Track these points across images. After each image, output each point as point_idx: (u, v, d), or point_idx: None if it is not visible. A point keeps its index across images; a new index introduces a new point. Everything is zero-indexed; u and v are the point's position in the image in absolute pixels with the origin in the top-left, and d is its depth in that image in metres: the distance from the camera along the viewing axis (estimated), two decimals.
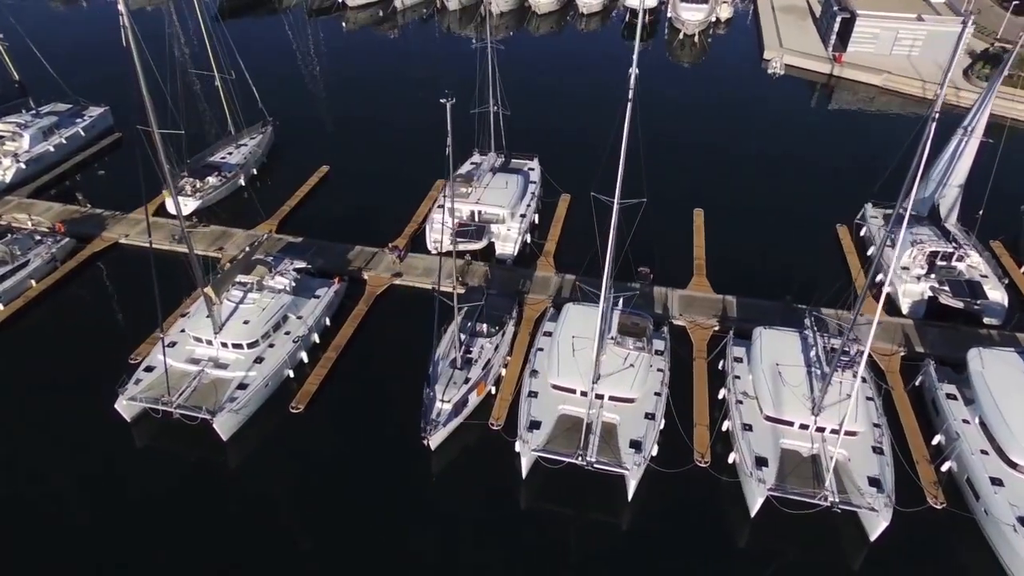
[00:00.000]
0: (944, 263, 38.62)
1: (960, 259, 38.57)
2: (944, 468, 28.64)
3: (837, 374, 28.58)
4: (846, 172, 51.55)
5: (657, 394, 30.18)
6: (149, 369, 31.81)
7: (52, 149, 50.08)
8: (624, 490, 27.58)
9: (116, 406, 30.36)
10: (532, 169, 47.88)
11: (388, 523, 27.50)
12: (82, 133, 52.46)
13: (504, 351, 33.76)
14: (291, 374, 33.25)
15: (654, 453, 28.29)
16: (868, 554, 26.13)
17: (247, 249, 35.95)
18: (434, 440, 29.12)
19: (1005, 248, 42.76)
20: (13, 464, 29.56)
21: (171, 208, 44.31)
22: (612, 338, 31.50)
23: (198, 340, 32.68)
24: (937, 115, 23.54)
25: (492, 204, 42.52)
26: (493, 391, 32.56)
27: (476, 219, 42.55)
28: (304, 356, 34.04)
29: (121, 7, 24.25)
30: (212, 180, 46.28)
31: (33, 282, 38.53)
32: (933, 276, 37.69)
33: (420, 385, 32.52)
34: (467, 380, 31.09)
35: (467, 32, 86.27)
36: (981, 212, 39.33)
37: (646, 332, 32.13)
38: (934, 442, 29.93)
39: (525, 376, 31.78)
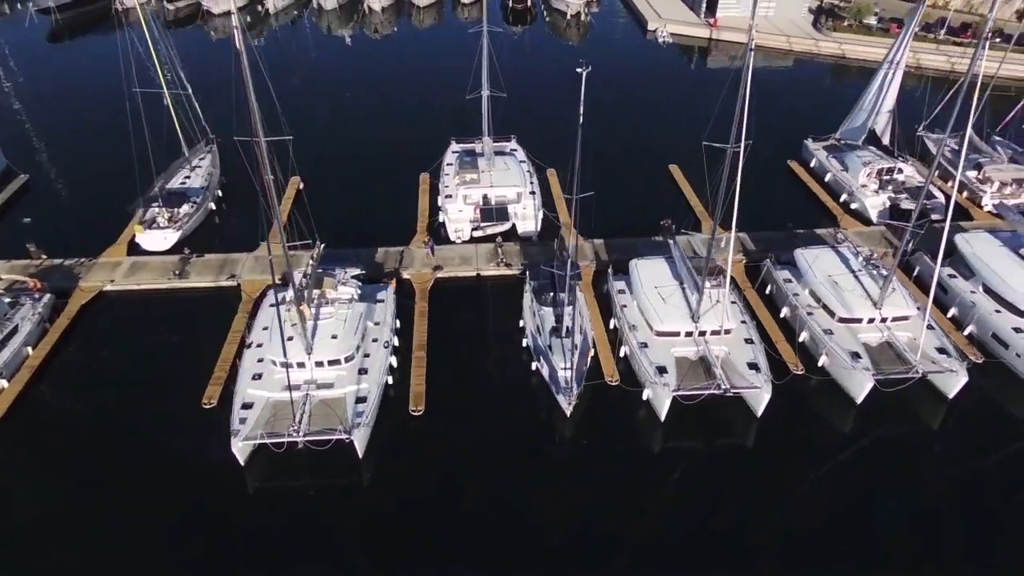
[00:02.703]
0: (888, 176, 46.28)
1: (900, 172, 46.43)
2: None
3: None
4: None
5: (744, 322, 33.48)
6: (247, 406, 29.10)
7: None
8: (754, 410, 30.58)
9: (233, 449, 27.60)
10: (515, 150, 48.98)
11: (554, 494, 28.00)
12: None
13: (587, 313, 35.20)
14: (390, 380, 32.08)
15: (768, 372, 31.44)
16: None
17: (311, 262, 33.65)
18: (571, 406, 30.03)
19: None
20: (142, 552, 25.91)
21: (146, 244, 40.07)
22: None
23: (287, 365, 30.35)
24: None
25: (505, 185, 43.25)
26: (592, 351, 33.97)
27: (492, 203, 43.05)
28: (393, 360, 32.93)
29: (235, 19, 22.17)
30: (186, 208, 41.93)
31: (29, 349, 32.97)
32: (889, 189, 45.05)
33: (519, 363, 33.27)
34: (575, 345, 32.22)
35: (345, 30, 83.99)
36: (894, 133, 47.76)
37: (721, 271, 35.24)
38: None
39: (625, 332, 33.55)
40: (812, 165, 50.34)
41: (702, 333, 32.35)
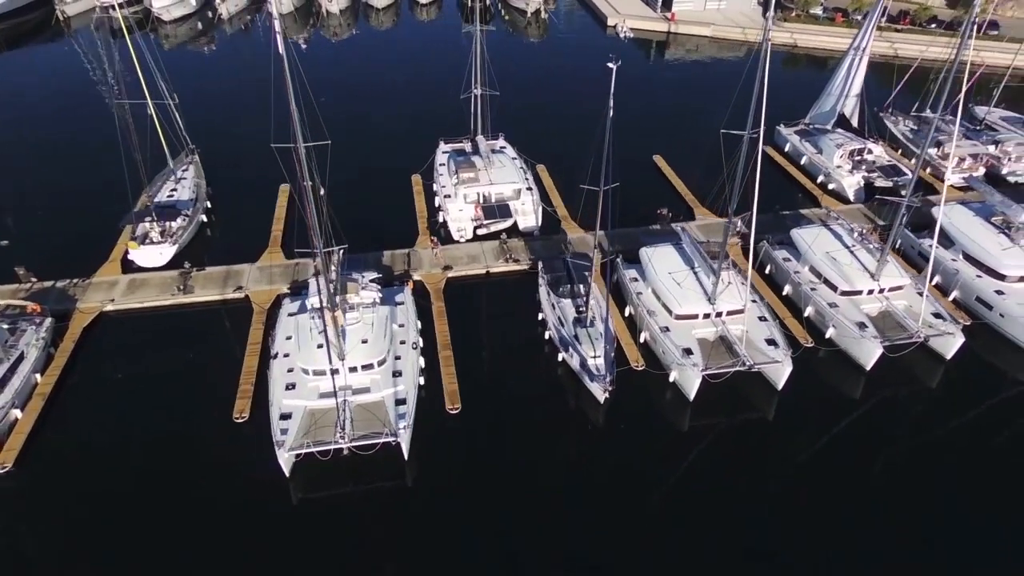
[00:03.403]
0: (859, 157, 49.03)
1: (869, 152, 49.26)
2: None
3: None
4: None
5: (754, 301, 35.04)
6: (286, 417, 28.69)
7: None
8: (775, 383, 32.09)
9: (279, 461, 27.19)
10: (504, 147, 49.43)
11: (601, 479, 28.84)
12: None
13: (604, 302, 36.09)
14: (422, 380, 32.13)
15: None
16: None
17: (335, 267, 33.22)
18: (607, 393, 30.80)
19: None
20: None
21: (141, 260, 38.81)
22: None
23: (321, 372, 30.08)
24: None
25: (505, 182, 43.72)
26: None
27: (492, 200, 43.42)
28: (422, 360, 32.98)
29: (276, 25, 21.83)
30: (180, 221, 40.64)
31: (38, 376, 31.50)
32: (863, 169, 47.72)
33: (544, 355, 33.94)
34: (601, 333, 33.11)
35: (301, 35, 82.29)
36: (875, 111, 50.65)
37: (724, 254, 36.68)
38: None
39: (644, 317, 34.57)
40: (787, 149, 52.74)
41: (719, 314, 33.76)
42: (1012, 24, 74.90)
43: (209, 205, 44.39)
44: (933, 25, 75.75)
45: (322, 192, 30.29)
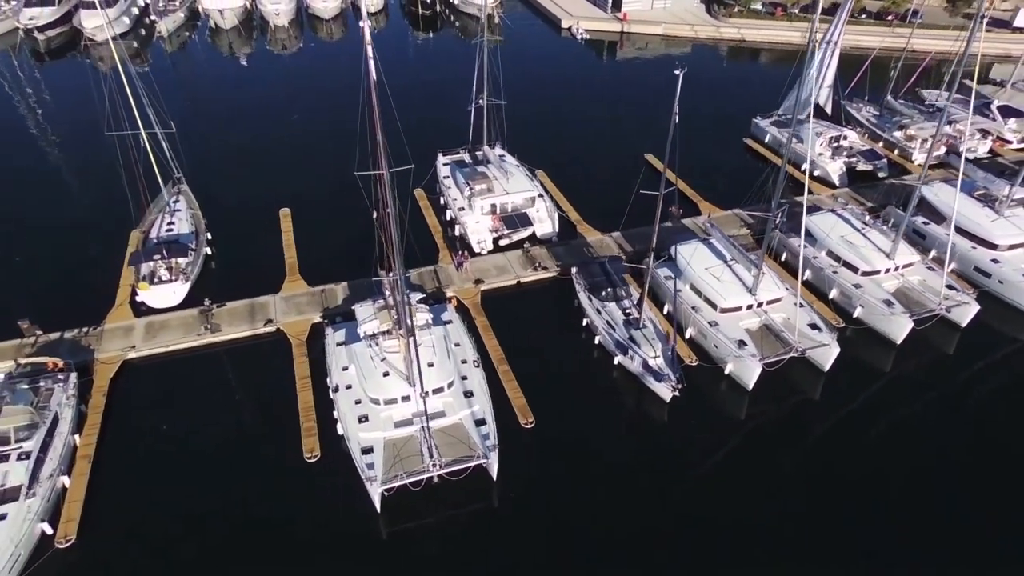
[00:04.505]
0: (836, 143, 52.03)
1: (844, 138, 52.36)
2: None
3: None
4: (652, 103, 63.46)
5: (788, 288, 36.61)
6: (368, 451, 27.66)
7: None
8: (821, 366, 33.68)
9: (375, 499, 26.23)
10: (502, 155, 49.28)
11: (686, 479, 29.48)
12: None
13: (645, 303, 36.73)
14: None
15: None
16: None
17: (387, 292, 32.11)
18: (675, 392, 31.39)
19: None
20: None
21: (153, 301, 36.49)
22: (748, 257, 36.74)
23: (392, 401, 29.20)
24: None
25: (519, 191, 43.63)
26: None
27: (509, 209, 43.27)
28: (484, 377, 32.56)
29: (369, 50, 21.02)
30: (189, 256, 38.25)
31: (77, 437, 28.98)
32: (843, 154, 50.67)
33: (598, 360, 34.28)
34: (657, 333, 33.76)
35: (245, 49, 79.06)
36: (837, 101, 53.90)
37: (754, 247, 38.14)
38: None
39: (690, 314, 35.43)
40: (767, 140, 55.26)
41: (759, 304, 35.10)
42: (934, 13, 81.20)
43: (210, 236, 41.99)
44: (864, 16, 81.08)
45: (378, 216, 29.48)
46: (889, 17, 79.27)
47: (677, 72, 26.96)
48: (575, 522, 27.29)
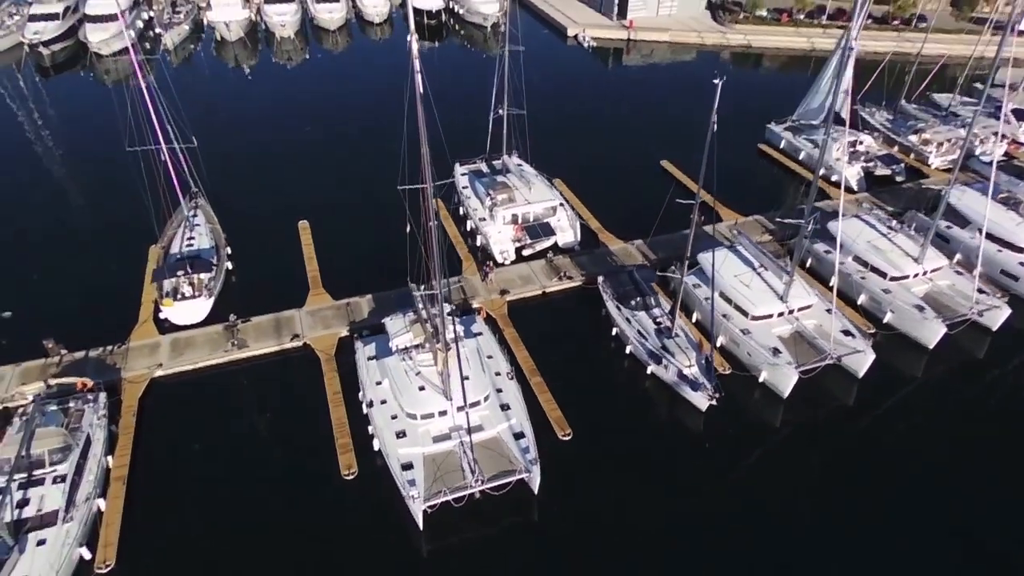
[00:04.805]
0: (853, 148, 52.03)
1: (861, 143, 52.38)
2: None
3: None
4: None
5: (818, 295, 36.37)
6: (408, 467, 27.23)
7: None
8: (855, 373, 33.40)
9: (418, 516, 25.80)
10: (520, 164, 49.08)
11: (728, 488, 29.17)
12: None
13: (675, 312, 36.48)
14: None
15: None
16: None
17: (420, 305, 31.74)
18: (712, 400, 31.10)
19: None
20: None
21: (177, 318, 36.04)
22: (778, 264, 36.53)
23: (429, 416, 28.81)
24: None
25: (540, 200, 43.42)
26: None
27: (531, 219, 43.03)
28: (519, 389, 32.18)
29: (416, 64, 20.82)
30: (210, 272, 37.79)
31: (110, 459, 28.47)
32: (861, 159, 50.68)
33: (631, 370, 34.02)
34: (690, 342, 33.50)
35: (251, 62, 78.85)
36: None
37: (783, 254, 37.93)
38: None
39: (720, 322, 35.15)
40: (782, 146, 55.24)
41: (791, 311, 34.89)
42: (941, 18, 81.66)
43: (230, 251, 41.57)
44: (870, 21, 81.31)
45: (417, 228, 29.12)
46: (895, 21, 79.64)
47: (716, 81, 26.91)
48: (621, 535, 26.86)
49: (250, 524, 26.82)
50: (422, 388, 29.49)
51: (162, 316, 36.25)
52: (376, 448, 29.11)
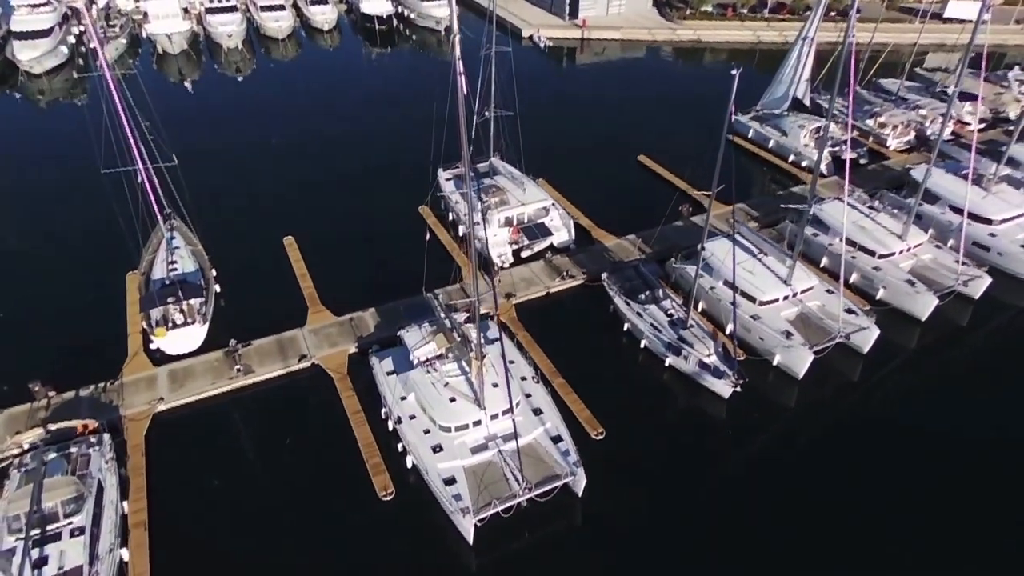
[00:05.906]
0: (819, 134, 54.03)
1: (826, 129, 54.25)
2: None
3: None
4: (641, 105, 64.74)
5: (817, 277, 37.50)
6: (451, 481, 26.44)
7: None
8: (860, 349, 34.59)
9: (468, 531, 25.07)
10: (503, 166, 48.60)
11: (766, 475, 29.73)
12: None
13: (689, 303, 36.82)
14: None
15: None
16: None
17: (445, 315, 30.85)
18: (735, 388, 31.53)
19: None
20: None
21: (172, 348, 34.07)
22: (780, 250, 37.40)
23: (464, 427, 28.08)
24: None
25: (533, 201, 43.13)
26: None
27: (526, 220, 42.69)
28: (547, 392, 31.76)
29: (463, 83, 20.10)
30: (200, 297, 35.75)
31: (125, 504, 26.43)
32: (829, 144, 52.59)
33: (648, 364, 34.23)
34: (705, 332, 33.92)
35: (196, 74, 75.44)
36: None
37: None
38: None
39: (728, 310, 35.69)
40: (750, 135, 56.82)
41: (795, 294, 35.85)
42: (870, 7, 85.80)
43: (215, 273, 39.47)
44: (807, 12, 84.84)
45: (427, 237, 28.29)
46: (832, 13, 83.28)
47: (733, 72, 27.28)
48: (670, 532, 26.97)
49: (289, 559, 25.44)
50: (453, 399, 28.75)
51: (153, 347, 34.07)
52: (410, 465, 28.20)
